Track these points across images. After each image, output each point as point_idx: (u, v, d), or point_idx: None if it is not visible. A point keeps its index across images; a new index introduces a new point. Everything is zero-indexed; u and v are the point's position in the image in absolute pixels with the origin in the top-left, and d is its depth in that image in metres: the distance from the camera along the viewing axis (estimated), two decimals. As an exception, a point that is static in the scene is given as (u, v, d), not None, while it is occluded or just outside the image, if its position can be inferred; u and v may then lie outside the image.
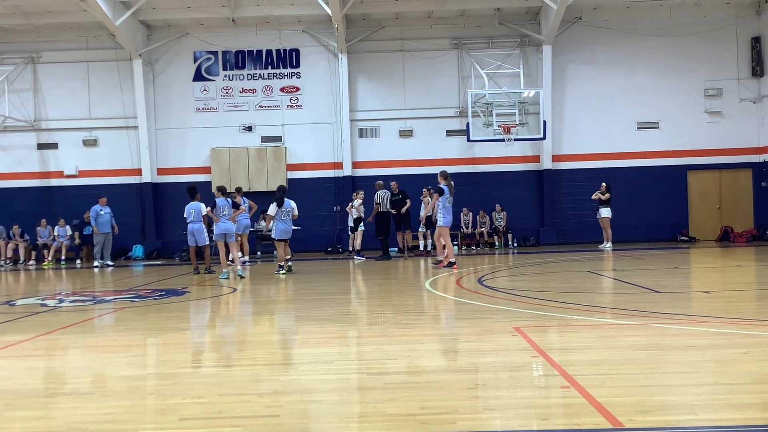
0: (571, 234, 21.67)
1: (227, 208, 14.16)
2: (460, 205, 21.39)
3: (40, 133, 22.33)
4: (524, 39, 21.89)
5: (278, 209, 14.34)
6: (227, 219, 14.10)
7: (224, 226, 14.05)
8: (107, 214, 18.91)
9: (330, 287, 12.01)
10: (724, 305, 8.29)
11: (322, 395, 4.59)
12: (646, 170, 21.77)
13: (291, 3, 20.86)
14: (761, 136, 21.74)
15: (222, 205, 14.08)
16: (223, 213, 14.02)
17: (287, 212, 14.42)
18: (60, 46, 22.15)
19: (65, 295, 11.63)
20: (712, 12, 21.70)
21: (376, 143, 22.19)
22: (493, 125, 19.77)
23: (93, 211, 18.80)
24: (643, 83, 21.82)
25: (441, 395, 4.42)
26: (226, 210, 14.12)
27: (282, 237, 14.45)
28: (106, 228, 18.84)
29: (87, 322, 8.33)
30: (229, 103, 22.22)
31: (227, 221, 14.10)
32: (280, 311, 9.22)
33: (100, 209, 18.81)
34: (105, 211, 18.87)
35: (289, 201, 14.57)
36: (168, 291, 11.57)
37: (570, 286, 10.87)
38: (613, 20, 21.80)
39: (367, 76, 22.17)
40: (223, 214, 14.03)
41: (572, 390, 4.41)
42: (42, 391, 5.01)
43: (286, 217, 14.42)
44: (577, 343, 6.11)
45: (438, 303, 9.24)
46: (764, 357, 5.25)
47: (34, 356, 6.33)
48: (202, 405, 4.37)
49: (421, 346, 6.13)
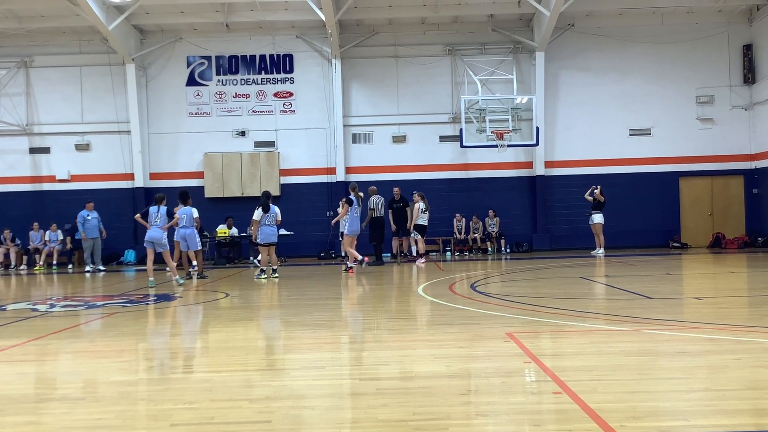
0: (563, 240, 21.71)
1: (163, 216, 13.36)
2: (453, 211, 21.47)
3: (33, 137, 22.25)
4: (517, 45, 21.96)
5: (264, 214, 14.40)
6: (159, 227, 13.28)
7: (153, 234, 13.23)
8: (95, 219, 18.83)
9: (322, 292, 11.99)
10: (716, 311, 8.31)
11: (314, 401, 4.57)
12: (638, 177, 21.85)
13: (285, 8, 20.88)
14: (753, 143, 21.86)
15: (153, 212, 13.29)
16: (155, 221, 13.25)
17: (272, 217, 14.50)
18: (53, 51, 22.09)
19: (56, 300, 11.58)
20: (704, 19, 21.84)
21: (370, 149, 22.20)
22: (486, 131, 19.82)
23: (80, 216, 18.71)
24: (636, 90, 21.93)
25: (433, 401, 4.41)
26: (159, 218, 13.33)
27: (268, 241, 14.48)
28: (94, 233, 18.76)
29: (78, 327, 8.29)
30: (223, 108, 22.21)
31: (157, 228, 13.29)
32: (273, 316, 9.19)
33: (87, 214, 18.73)
34: (92, 216, 18.80)
35: (273, 206, 14.66)
36: (160, 296, 11.53)
37: (562, 292, 10.89)
38: (606, 27, 21.90)
39: (361, 81, 22.20)
40: (155, 222, 13.27)
41: (564, 396, 4.41)
42: (32, 397, 4.98)
43: (271, 221, 14.48)
44: (569, 348, 6.12)
45: (431, 308, 9.23)
46: (755, 363, 5.26)
47: (25, 361, 6.29)
48: (193, 410, 4.35)
49: (413, 352, 6.12)
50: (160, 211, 13.29)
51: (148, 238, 13.29)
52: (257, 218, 14.44)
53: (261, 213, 14.40)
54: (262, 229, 14.43)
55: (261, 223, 14.41)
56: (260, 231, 14.46)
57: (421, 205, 17.88)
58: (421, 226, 18.03)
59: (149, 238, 13.25)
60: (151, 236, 13.23)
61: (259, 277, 14.35)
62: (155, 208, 13.41)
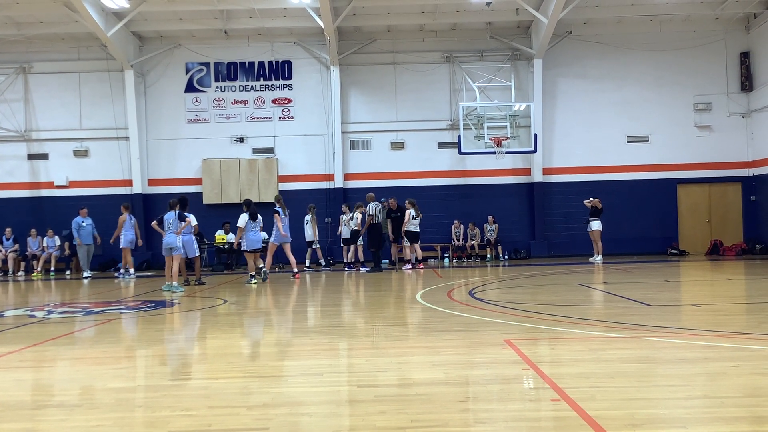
0: (561, 247, 21.72)
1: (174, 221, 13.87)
2: (451, 218, 21.47)
3: (31, 143, 22.24)
4: (515, 53, 22.01)
5: (251, 222, 14.79)
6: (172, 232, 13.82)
7: (168, 240, 13.76)
8: (89, 225, 18.84)
9: (321, 299, 11.98)
10: (714, 318, 8.31)
11: (312, 408, 4.57)
12: (636, 184, 21.88)
13: (283, 15, 20.92)
14: (750, 151, 21.91)
15: (168, 218, 13.89)
16: (169, 227, 13.82)
17: (256, 224, 14.92)
18: (52, 57, 22.10)
19: (54, 306, 11.56)
20: (701, 27, 21.91)
21: (368, 155, 22.22)
22: (485, 138, 19.85)
23: (75, 223, 18.68)
24: (633, 97, 21.98)
25: (431, 408, 4.40)
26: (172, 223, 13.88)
27: (254, 248, 14.87)
28: (89, 239, 18.78)
29: (75, 334, 8.28)
30: (221, 114, 22.22)
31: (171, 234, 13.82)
32: (271, 323, 9.18)
33: (82, 221, 18.70)
34: (87, 223, 18.79)
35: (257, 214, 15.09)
36: (158, 302, 11.51)
37: (560, 298, 10.88)
38: (604, 35, 21.96)
39: (359, 88, 22.23)
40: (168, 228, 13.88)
41: (563, 403, 4.41)
42: (29, 403, 4.97)
43: (255, 228, 14.89)
44: (567, 355, 6.11)
45: (429, 315, 9.22)
46: (754, 370, 5.26)
47: (22, 368, 6.28)
48: (191, 417, 4.35)
49: (411, 359, 6.11)
50: (175, 216, 13.85)
51: (166, 244, 13.76)
52: (242, 225, 14.80)
53: (247, 220, 14.76)
54: (248, 236, 14.78)
55: (246, 230, 14.75)
56: (246, 238, 14.81)
57: (411, 212, 17.92)
58: (412, 233, 18.09)
59: (167, 245, 13.72)
60: (168, 242, 13.72)
61: (250, 282, 14.60)
62: (170, 213, 13.86)
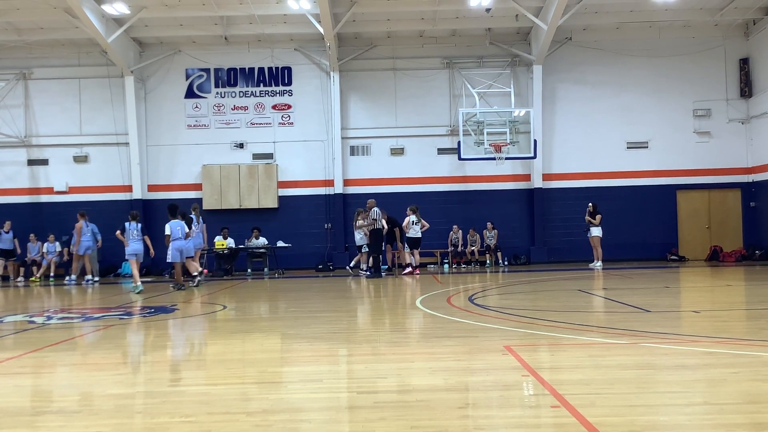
0: (561, 253, 21.71)
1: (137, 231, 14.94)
2: (451, 223, 21.47)
3: (31, 149, 22.28)
4: (515, 59, 22.05)
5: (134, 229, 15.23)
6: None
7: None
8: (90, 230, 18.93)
9: (320, 305, 11.97)
10: (714, 325, 8.31)
11: (312, 414, 4.56)
12: (636, 190, 21.89)
13: (283, 21, 20.96)
14: (750, 157, 21.93)
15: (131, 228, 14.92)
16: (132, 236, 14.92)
17: (183, 230, 15.17)
18: (52, 63, 22.16)
19: (53, 312, 11.54)
20: (700, 33, 21.95)
21: (368, 161, 22.24)
22: (484, 144, 19.91)
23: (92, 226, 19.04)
24: (633, 103, 22.01)
25: (431, 414, 4.40)
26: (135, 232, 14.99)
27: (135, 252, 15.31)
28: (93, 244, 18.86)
29: (75, 340, 8.27)
30: (221, 120, 22.25)
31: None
32: (270, 329, 9.16)
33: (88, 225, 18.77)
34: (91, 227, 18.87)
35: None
36: (157, 308, 11.50)
37: (560, 304, 10.87)
38: (603, 41, 22.01)
39: (359, 94, 22.26)
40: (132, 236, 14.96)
41: (562, 409, 4.40)
42: (29, 409, 4.96)
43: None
44: (567, 362, 6.10)
45: (428, 321, 9.22)
46: (754, 377, 5.25)
47: (21, 374, 6.27)
48: (190, 424, 4.34)
49: (411, 365, 6.11)
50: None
51: (131, 251, 14.87)
52: (169, 232, 14.96)
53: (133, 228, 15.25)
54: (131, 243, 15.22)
55: (173, 237, 14.91)
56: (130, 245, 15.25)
57: (412, 218, 17.95)
58: (413, 239, 18.08)
59: (133, 251, 14.86)
60: (133, 249, 14.87)
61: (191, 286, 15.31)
62: (133, 224, 14.88)
